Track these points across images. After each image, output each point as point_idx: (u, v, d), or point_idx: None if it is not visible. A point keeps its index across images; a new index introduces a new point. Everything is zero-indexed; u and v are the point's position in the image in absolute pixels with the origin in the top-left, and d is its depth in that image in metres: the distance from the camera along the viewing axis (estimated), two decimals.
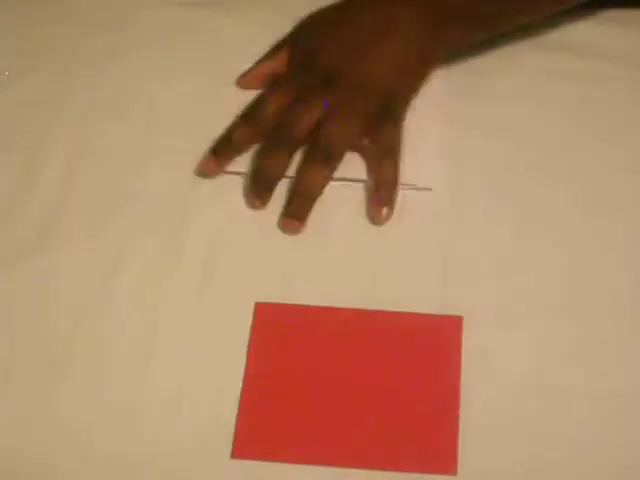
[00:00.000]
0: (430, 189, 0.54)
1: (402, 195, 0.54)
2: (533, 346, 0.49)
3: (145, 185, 0.55)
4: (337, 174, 0.54)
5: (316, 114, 0.54)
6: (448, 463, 0.46)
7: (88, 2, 0.64)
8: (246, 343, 0.49)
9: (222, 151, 0.55)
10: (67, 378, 0.49)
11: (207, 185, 0.55)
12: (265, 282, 0.51)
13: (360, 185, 0.55)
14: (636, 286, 0.51)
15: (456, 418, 0.47)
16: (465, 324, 0.49)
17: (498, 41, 0.59)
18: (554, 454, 0.45)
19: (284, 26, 0.60)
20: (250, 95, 0.57)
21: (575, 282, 0.51)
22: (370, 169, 0.54)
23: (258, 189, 0.54)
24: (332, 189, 0.54)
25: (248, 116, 0.55)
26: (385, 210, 0.53)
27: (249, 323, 0.50)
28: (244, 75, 0.59)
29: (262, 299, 0.51)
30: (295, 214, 0.53)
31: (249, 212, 0.54)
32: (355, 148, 0.55)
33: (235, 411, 0.47)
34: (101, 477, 0.46)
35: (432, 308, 0.50)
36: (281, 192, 0.54)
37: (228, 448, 0.46)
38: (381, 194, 0.53)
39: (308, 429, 0.47)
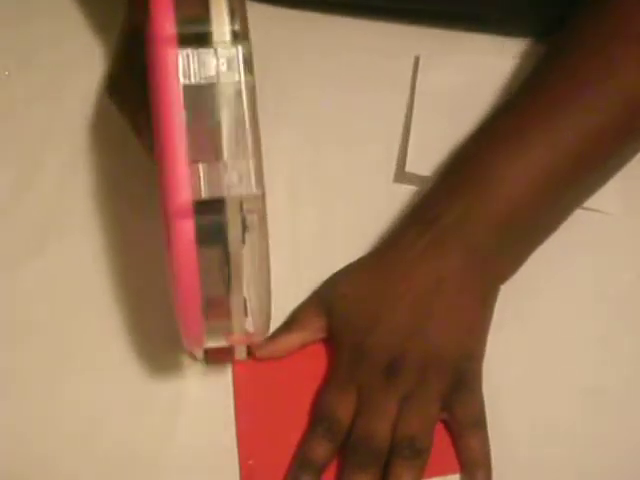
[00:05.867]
0: (608, 213, 0.54)
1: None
2: None
3: (142, 185, 0.55)
4: None
5: (392, 415, 0.46)
6: (451, 463, 0.47)
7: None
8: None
9: (307, 477, 0.46)
10: (66, 379, 0.49)
11: None
12: None
13: None
14: None
15: None
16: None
17: None
18: None
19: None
20: None
21: None
22: (456, 445, 0.48)
23: None
24: None
25: (322, 432, 0.46)
26: None
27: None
28: (267, 347, 0.49)
29: None
30: None
31: None
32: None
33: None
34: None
35: None
36: None
37: None
38: (478, 478, 0.47)
39: None
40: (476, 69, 0.58)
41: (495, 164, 0.49)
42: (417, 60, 0.59)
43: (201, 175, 0.37)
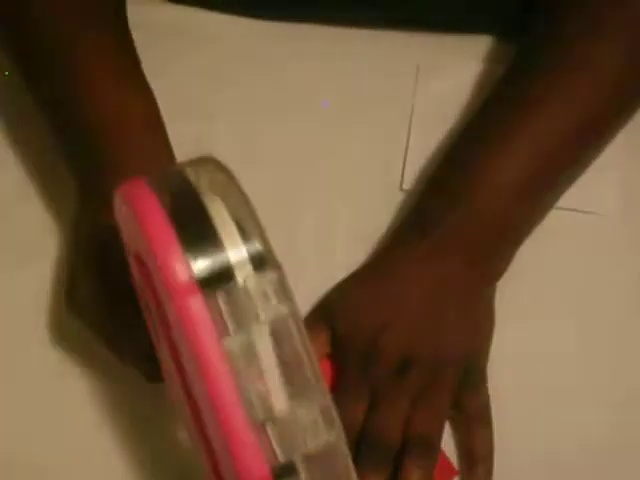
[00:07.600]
0: (605, 215, 0.54)
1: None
2: None
3: None
4: None
5: (405, 414, 0.47)
6: (449, 469, 0.48)
7: None
8: None
9: None
10: (68, 379, 0.50)
11: None
12: None
13: None
14: None
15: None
16: None
17: None
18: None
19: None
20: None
21: None
22: (460, 439, 0.49)
23: None
24: None
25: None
26: None
27: None
28: None
29: None
30: None
31: None
32: None
33: None
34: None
35: None
36: None
37: None
38: (479, 472, 0.48)
39: None
40: (475, 76, 0.59)
41: (487, 164, 0.50)
42: (418, 70, 0.59)
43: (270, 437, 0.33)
